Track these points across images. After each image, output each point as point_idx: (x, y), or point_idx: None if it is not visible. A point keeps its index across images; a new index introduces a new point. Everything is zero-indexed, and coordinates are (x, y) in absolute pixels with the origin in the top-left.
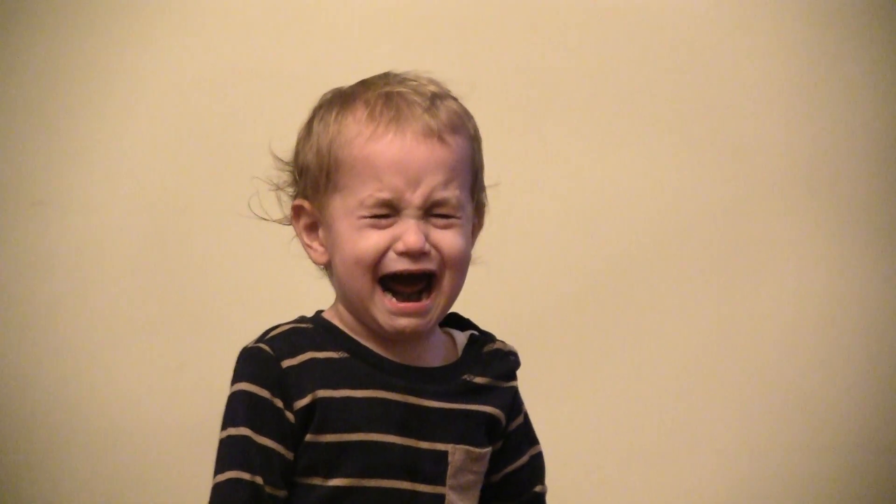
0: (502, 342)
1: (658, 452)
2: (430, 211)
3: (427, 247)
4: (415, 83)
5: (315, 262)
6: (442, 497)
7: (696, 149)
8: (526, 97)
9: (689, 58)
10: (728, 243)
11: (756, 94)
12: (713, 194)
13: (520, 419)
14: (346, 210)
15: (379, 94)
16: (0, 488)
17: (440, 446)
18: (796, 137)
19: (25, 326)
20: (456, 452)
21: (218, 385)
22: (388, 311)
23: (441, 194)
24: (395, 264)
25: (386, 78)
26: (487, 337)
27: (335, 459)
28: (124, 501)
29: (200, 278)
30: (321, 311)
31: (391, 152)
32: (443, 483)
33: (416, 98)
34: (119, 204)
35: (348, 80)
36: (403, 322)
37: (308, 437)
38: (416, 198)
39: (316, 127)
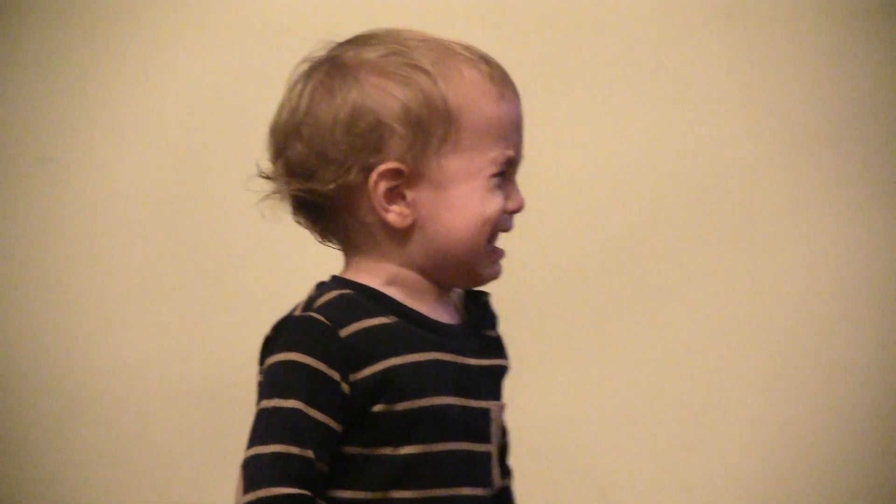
0: (485, 292)
1: (681, 424)
2: None
3: None
4: (460, 43)
5: (393, 226)
6: (490, 455)
7: (716, 109)
8: (542, 60)
9: (711, 16)
10: (751, 205)
11: (778, 53)
12: (734, 155)
13: None
14: (470, 170)
15: (475, 55)
16: (6, 455)
17: (484, 404)
18: (818, 97)
19: (32, 287)
20: (495, 409)
21: (232, 347)
22: (492, 261)
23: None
24: (507, 223)
25: (426, 37)
26: (479, 290)
27: (408, 427)
28: (133, 470)
29: (214, 239)
30: (339, 277)
31: (514, 111)
32: (489, 440)
33: (493, 60)
34: (129, 162)
35: None
36: (499, 267)
37: (378, 408)
38: (519, 158)
39: (399, 88)
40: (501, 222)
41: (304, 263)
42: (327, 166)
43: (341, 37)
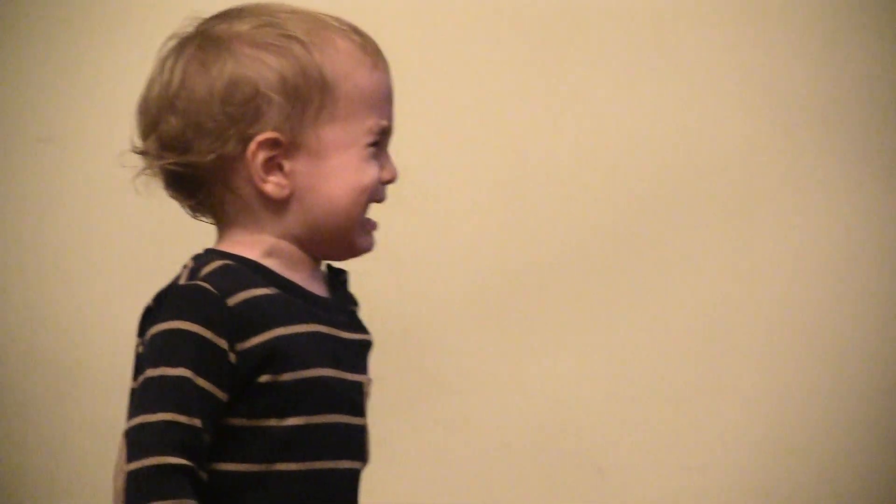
0: (344, 270)
1: (678, 403)
2: None
3: None
4: (330, 15)
5: (270, 197)
6: (365, 428)
7: (722, 84)
8: (543, 33)
9: None
10: (753, 182)
11: (779, 31)
12: (735, 133)
13: None
14: (347, 139)
15: (347, 26)
16: (4, 422)
17: (357, 377)
18: (819, 74)
19: (29, 266)
20: (366, 383)
21: None
22: (366, 231)
23: None
24: (381, 193)
25: (296, 9)
26: (338, 268)
27: (293, 398)
28: None
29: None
30: (216, 249)
31: (387, 82)
32: (364, 414)
33: (364, 31)
34: (128, 141)
35: None
36: (373, 239)
37: (264, 378)
38: (392, 127)
39: (275, 58)
40: (376, 192)
41: None
42: (204, 138)
43: (208, 12)
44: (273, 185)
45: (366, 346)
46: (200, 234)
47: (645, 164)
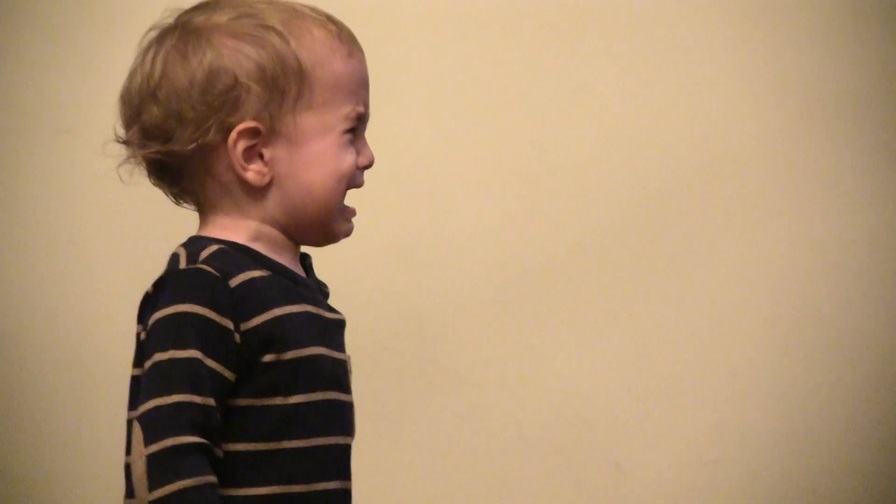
0: (308, 254)
1: (696, 398)
2: None
3: None
4: (306, 4)
5: (251, 184)
6: (352, 405)
7: (734, 78)
8: (559, 24)
9: None
10: (770, 177)
11: (795, 28)
12: (752, 128)
13: None
14: (325, 126)
15: (322, 15)
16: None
17: (342, 356)
18: (835, 70)
19: (46, 257)
20: (348, 361)
21: None
22: (345, 218)
23: None
24: (359, 178)
25: (272, 0)
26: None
27: (296, 376)
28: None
29: None
30: (203, 235)
31: (362, 69)
32: (350, 392)
33: (339, 20)
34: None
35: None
36: (352, 225)
37: (268, 357)
38: (367, 114)
39: (253, 48)
40: (354, 178)
41: None
42: (185, 127)
43: (186, 4)
44: (254, 172)
45: (342, 325)
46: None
47: (660, 159)
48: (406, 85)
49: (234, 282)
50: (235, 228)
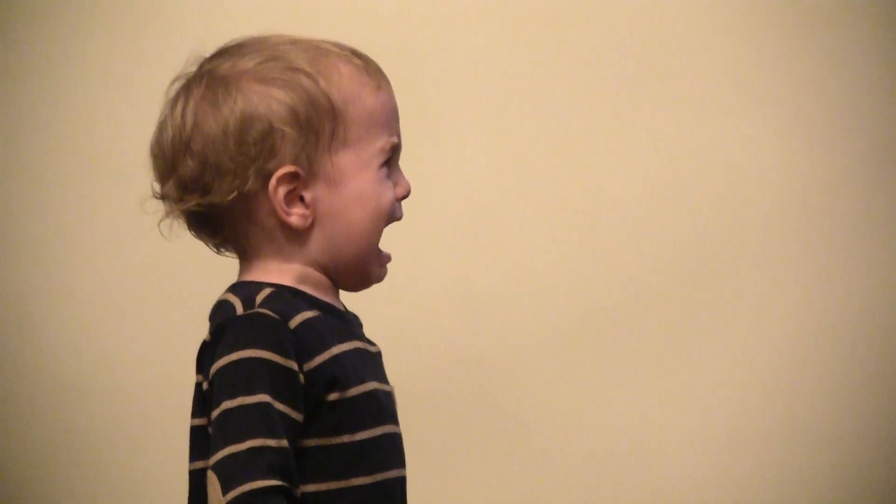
0: None
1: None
2: None
3: None
4: (329, 41)
5: (295, 228)
6: (401, 435)
7: (793, 122)
8: (618, 69)
9: (795, 30)
10: (835, 212)
11: (852, 71)
12: (817, 165)
13: None
14: (362, 162)
15: (346, 50)
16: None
17: (389, 387)
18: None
19: (110, 303)
20: (393, 391)
21: None
22: (381, 263)
23: None
24: (398, 211)
25: (295, 39)
26: None
27: (360, 412)
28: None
29: None
30: (250, 282)
31: (391, 100)
32: (398, 422)
33: (363, 53)
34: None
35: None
36: (386, 270)
37: (332, 396)
38: (400, 144)
39: (283, 92)
40: (393, 211)
41: None
42: (223, 178)
43: (207, 51)
44: (297, 216)
45: (381, 356)
46: None
47: (720, 200)
48: (465, 129)
49: (293, 323)
50: (280, 272)
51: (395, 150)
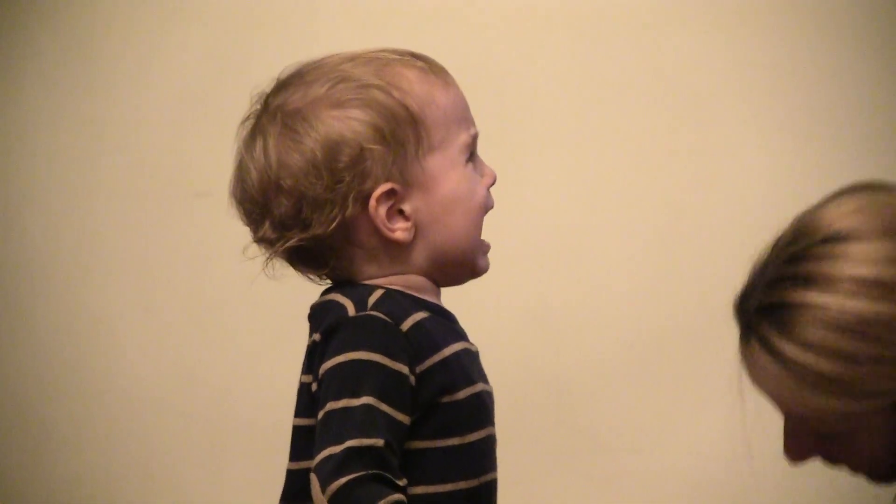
0: None
1: None
2: None
3: None
4: (384, 49)
5: (399, 243)
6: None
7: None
8: (695, 89)
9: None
10: None
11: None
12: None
13: None
14: (450, 162)
15: (405, 55)
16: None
17: (489, 386)
18: None
19: (190, 321)
20: (492, 391)
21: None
22: (483, 252)
23: None
24: (490, 200)
25: (353, 56)
26: None
27: (469, 414)
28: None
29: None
30: (360, 284)
31: (460, 93)
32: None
33: (420, 53)
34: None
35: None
36: (488, 260)
37: (445, 398)
38: (477, 132)
39: (361, 112)
40: (487, 202)
41: None
42: (321, 209)
43: (266, 87)
44: (401, 231)
45: (479, 356)
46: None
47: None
48: (543, 147)
49: (406, 325)
50: (387, 282)
51: (475, 141)
